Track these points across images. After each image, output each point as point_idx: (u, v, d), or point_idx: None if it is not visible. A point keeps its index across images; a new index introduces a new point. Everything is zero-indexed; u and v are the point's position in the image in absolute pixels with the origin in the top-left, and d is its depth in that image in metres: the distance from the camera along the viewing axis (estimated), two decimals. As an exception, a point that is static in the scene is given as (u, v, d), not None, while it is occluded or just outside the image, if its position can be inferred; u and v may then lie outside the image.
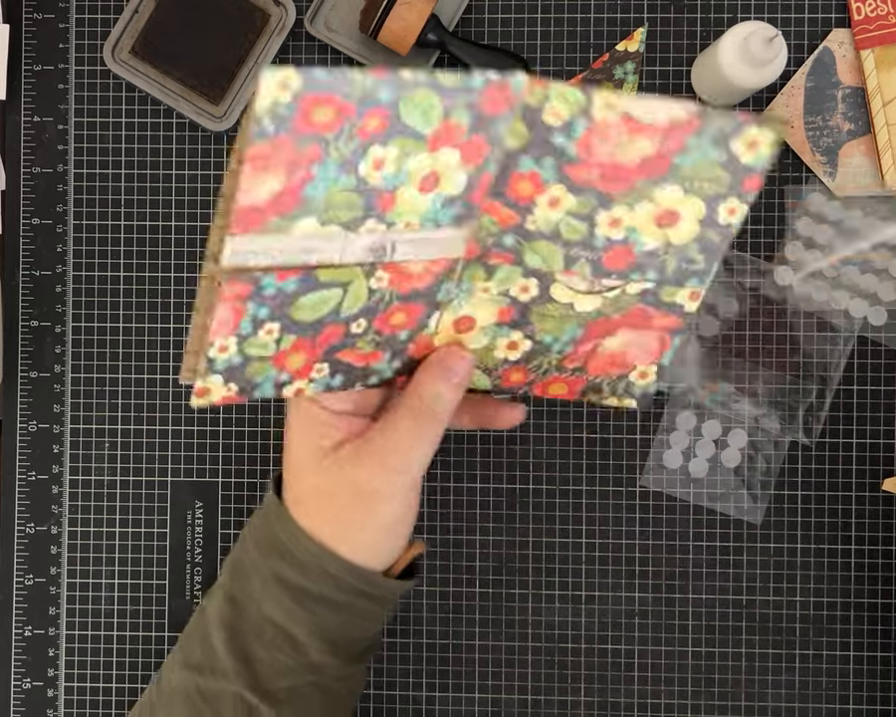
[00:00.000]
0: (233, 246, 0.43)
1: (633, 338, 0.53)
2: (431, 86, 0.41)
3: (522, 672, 0.65)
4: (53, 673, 0.65)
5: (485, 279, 0.50)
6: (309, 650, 0.52)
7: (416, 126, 0.42)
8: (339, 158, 0.42)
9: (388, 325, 0.49)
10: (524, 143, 0.45)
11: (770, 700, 0.64)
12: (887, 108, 0.63)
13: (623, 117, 0.45)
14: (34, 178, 0.66)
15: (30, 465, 0.66)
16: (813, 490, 0.64)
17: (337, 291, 0.46)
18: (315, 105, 0.40)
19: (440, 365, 0.50)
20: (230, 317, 0.45)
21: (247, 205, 0.41)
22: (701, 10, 0.65)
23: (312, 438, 0.51)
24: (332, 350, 0.49)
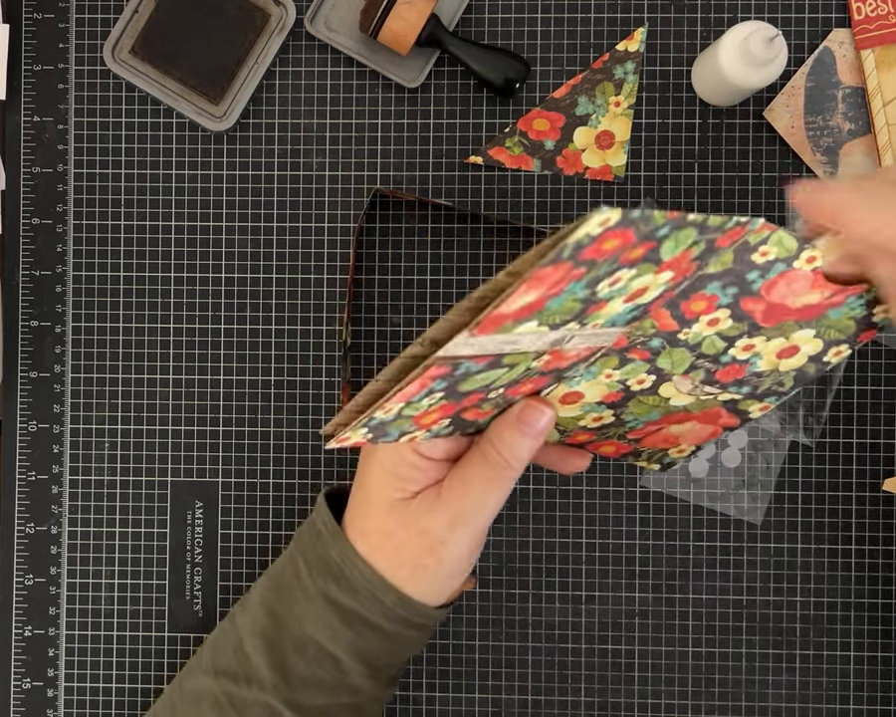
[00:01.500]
0: (460, 340, 0.41)
1: (696, 428, 0.54)
2: (697, 224, 0.40)
3: (522, 672, 0.65)
4: (53, 673, 0.65)
5: (615, 367, 0.49)
6: (349, 672, 0.52)
7: (663, 256, 0.41)
8: (593, 278, 0.40)
9: (516, 392, 0.49)
10: (722, 270, 0.45)
11: (770, 700, 0.64)
12: (887, 107, 0.63)
13: (816, 272, 0.46)
14: (34, 178, 0.66)
15: (30, 465, 0.66)
16: (814, 490, 0.64)
17: (506, 369, 0.46)
18: (612, 237, 0.38)
19: (519, 418, 0.50)
20: (416, 389, 0.44)
21: (499, 314, 0.40)
22: (701, 10, 0.65)
23: (394, 481, 0.51)
24: (462, 410, 0.49)
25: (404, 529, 0.51)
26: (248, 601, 0.56)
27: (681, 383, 0.51)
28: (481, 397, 0.48)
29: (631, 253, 0.40)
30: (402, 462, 0.51)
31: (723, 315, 0.47)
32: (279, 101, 0.66)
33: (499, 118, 0.65)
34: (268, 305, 0.66)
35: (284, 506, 0.65)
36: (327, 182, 0.65)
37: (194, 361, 0.66)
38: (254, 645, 0.53)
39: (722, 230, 0.42)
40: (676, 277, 0.44)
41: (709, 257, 0.44)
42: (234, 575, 0.65)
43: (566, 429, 0.54)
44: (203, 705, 0.54)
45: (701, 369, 0.50)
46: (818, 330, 0.49)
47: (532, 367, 0.47)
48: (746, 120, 0.65)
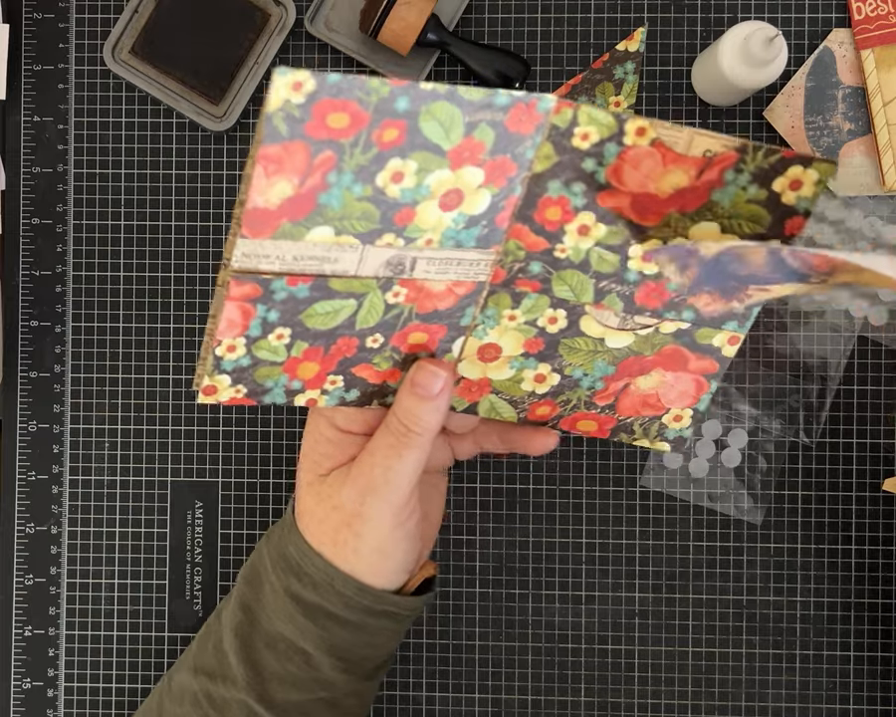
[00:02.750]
0: (244, 249, 0.42)
1: (668, 379, 0.52)
2: (452, 99, 0.40)
3: (522, 672, 0.65)
4: (53, 673, 0.65)
5: (511, 306, 0.48)
6: (321, 666, 0.52)
7: (436, 141, 0.41)
8: (355, 166, 0.40)
9: (406, 343, 0.48)
10: (551, 166, 0.44)
11: (770, 700, 0.64)
12: (887, 107, 0.63)
13: (656, 144, 0.43)
14: (34, 178, 0.66)
15: (30, 465, 0.66)
16: (814, 490, 0.64)
17: (352, 302, 0.45)
18: (330, 109, 0.38)
19: (412, 382, 0.49)
20: (238, 317, 0.44)
21: (258, 208, 0.40)
22: (701, 10, 0.65)
23: (314, 457, 0.51)
24: (346, 362, 0.48)
25: (321, 505, 0.50)
26: (229, 598, 0.56)
27: (602, 316, 0.49)
28: (356, 344, 0.47)
29: (383, 134, 0.40)
30: (321, 438, 0.51)
31: (588, 219, 0.45)
32: (279, 101, 0.65)
33: (499, 117, 0.65)
34: (268, 305, 0.65)
35: (284, 506, 0.65)
36: (327, 182, 0.65)
37: (194, 362, 0.66)
38: (229, 642, 0.53)
39: (493, 107, 0.40)
40: (494, 178, 0.43)
41: (514, 148, 0.42)
42: (234, 575, 0.65)
43: (516, 399, 0.53)
44: (185, 703, 0.54)
45: (613, 294, 0.48)
46: (722, 223, 0.46)
47: (392, 304, 0.46)
48: (746, 121, 0.65)
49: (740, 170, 0.44)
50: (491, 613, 0.65)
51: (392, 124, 0.40)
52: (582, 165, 0.44)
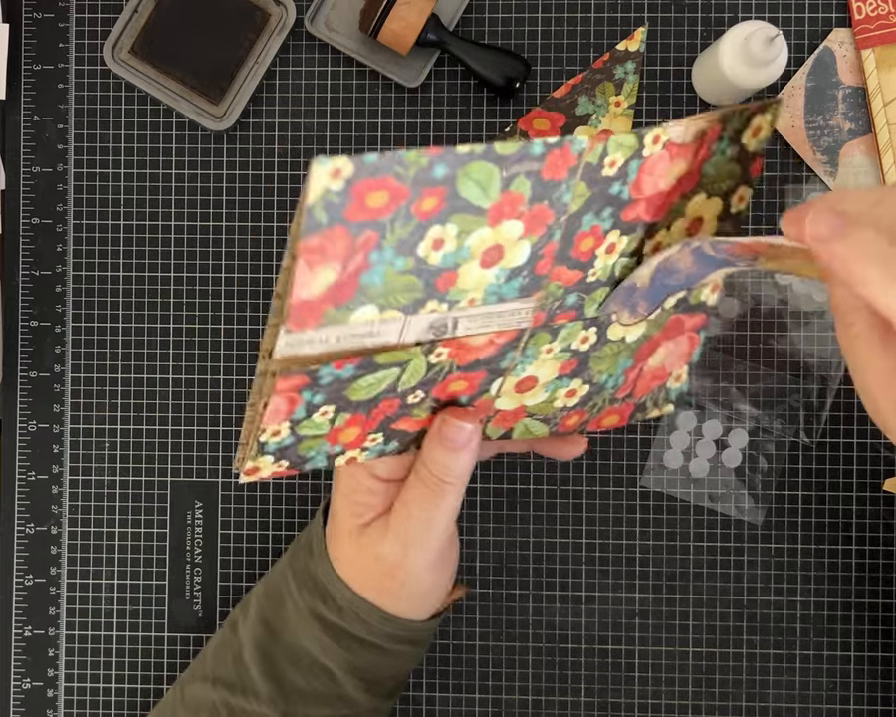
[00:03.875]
0: (287, 339, 0.41)
1: (670, 347, 0.53)
2: (487, 157, 0.39)
3: (522, 672, 0.65)
4: (53, 673, 0.65)
5: (549, 341, 0.48)
6: (343, 684, 0.52)
7: (475, 201, 0.40)
8: (396, 241, 0.40)
9: (446, 392, 0.48)
10: (585, 202, 0.43)
11: (770, 700, 0.64)
12: (888, 107, 0.63)
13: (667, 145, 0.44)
14: (34, 178, 0.66)
15: (30, 465, 0.66)
16: (814, 490, 0.64)
17: (395, 371, 0.45)
18: (368, 190, 0.37)
19: (438, 436, 0.49)
20: (284, 406, 0.44)
21: (301, 300, 0.39)
22: (701, 10, 0.65)
23: (353, 508, 0.51)
24: (387, 421, 0.48)
25: (362, 557, 0.51)
26: (248, 609, 0.56)
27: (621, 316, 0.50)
28: (398, 404, 0.47)
29: (422, 205, 0.39)
30: (360, 488, 0.51)
31: (614, 237, 0.46)
32: (279, 101, 0.66)
33: (499, 117, 0.65)
34: (268, 305, 0.65)
35: (284, 506, 0.65)
36: (327, 182, 0.65)
37: (194, 361, 0.66)
38: (251, 655, 0.53)
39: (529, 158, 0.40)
40: (532, 227, 0.42)
41: (551, 194, 0.42)
42: (234, 575, 0.65)
43: (549, 418, 0.53)
44: (202, 713, 0.54)
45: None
46: (707, 189, 0.47)
47: (435, 364, 0.46)
48: (746, 120, 0.65)
49: (721, 138, 0.45)
50: (491, 613, 0.65)
51: (431, 193, 0.39)
52: (610, 191, 0.44)
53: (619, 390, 0.53)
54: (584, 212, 0.44)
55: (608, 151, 0.42)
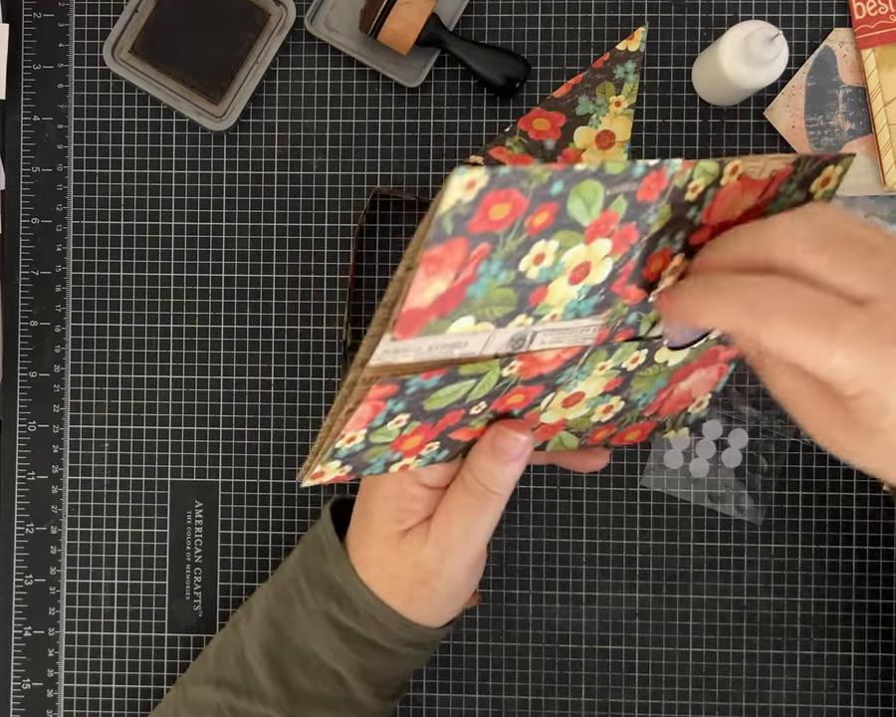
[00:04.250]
0: (387, 348, 0.41)
1: (702, 375, 0.54)
2: (598, 175, 0.39)
3: (522, 672, 0.65)
4: (53, 674, 0.65)
5: (605, 359, 0.49)
6: (352, 688, 0.52)
7: (577, 218, 0.40)
8: (504, 254, 0.40)
9: (504, 405, 0.49)
10: (664, 225, 0.44)
11: (770, 700, 0.64)
12: (888, 107, 0.63)
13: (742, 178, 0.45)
14: (34, 178, 0.66)
15: (30, 465, 0.66)
16: (814, 490, 0.64)
17: (472, 382, 0.45)
18: (494, 202, 0.37)
19: (491, 447, 0.49)
20: (368, 414, 0.44)
21: (412, 309, 0.39)
22: (701, 10, 0.65)
23: (395, 513, 0.51)
24: (447, 430, 0.48)
25: (398, 563, 0.51)
26: (252, 610, 0.56)
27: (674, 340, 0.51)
28: (461, 414, 0.47)
29: (535, 219, 0.39)
30: (404, 494, 0.51)
31: (678, 260, 0.46)
32: (279, 101, 0.66)
33: (499, 117, 0.65)
34: (268, 305, 0.65)
35: (284, 506, 0.65)
36: (327, 182, 0.65)
37: (194, 361, 0.66)
38: (256, 657, 0.53)
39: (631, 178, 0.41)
40: (618, 246, 0.43)
41: (640, 215, 0.43)
42: (234, 575, 0.65)
43: (582, 432, 0.54)
44: (205, 715, 0.54)
45: None
46: None
47: (505, 377, 0.46)
48: (746, 120, 0.65)
49: (791, 181, 0.46)
50: (491, 614, 0.65)
51: (545, 209, 0.39)
52: (687, 215, 0.45)
53: (648, 409, 0.54)
54: (662, 234, 0.44)
55: (694, 176, 0.43)
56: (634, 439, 0.56)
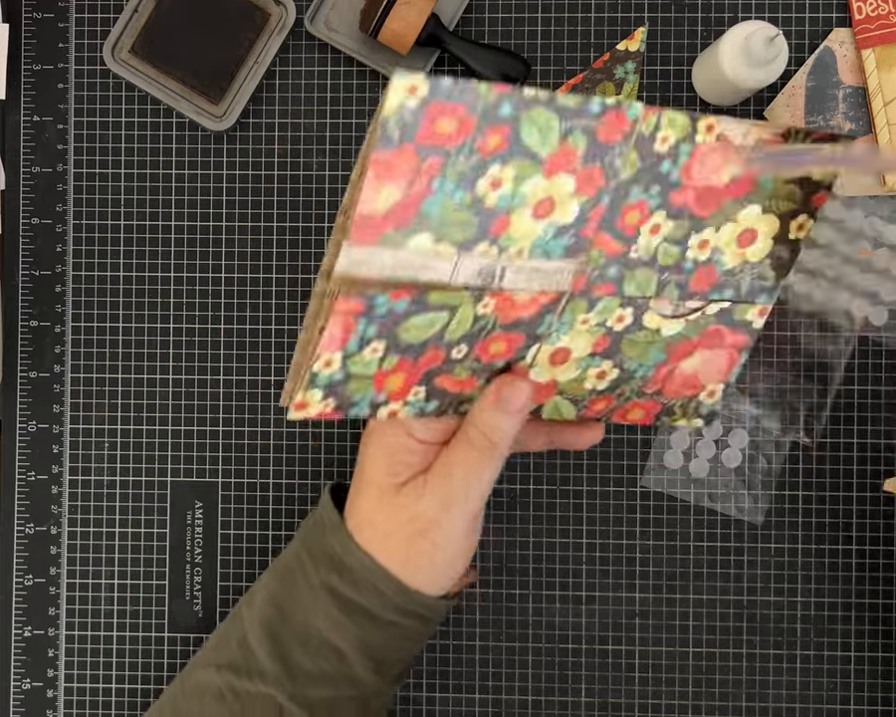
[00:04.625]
0: (349, 256, 0.42)
1: (707, 357, 0.54)
2: (550, 104, 0.41)
3: (522, 672, 0.65)
4: (53, 674, 0.65)
5: (586, 311, 0.49)
6: (352, 664, 0.52)
7: (534, 147, 0.42)
8: (458, 174, 0.41)
9: (488, 352, 0.49)
10: (634, 172, 0.45)
11: (770, 700, 0.64)
12: (888, 107, 0.63)
13: (721, 138, 0.45)
14: (34, 178, 0.66)
15: (30, 465, 0.66)
16: (814, 490, 0.64)
17: (445, 314, 0.46)
18: (440, 114, 0.39)
19: (496, 396, 0.50)
20: (339, 332, 0.45)
21: (366, 213, 0.41)
22: (701, 10, 0.65)
23: (390, 467, 0.51)
24: (430, 373, 0.49)
25: (394, 517, 0.51)
26: (254, 596, 0.56)
27: (661, 307, 0.51)
28: (442, 356, 0.48)
29: (487, 141, 0.41)
30: (398, 447, 0.51)
31: (660, 218, 0.47)
32: (279, 101, 0.66)
33: (499, 117, 0.65)
34: (268, 305, 0.65)
35: (284, 506, 0.65)
36: (327, 182, 0.65)
37: (194, 361, 0.66)
38: (258, 637, 0.53)
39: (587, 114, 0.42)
40: (583, 187, 0.44)
41: (604, 156, 0.43)
42: (234, 575, 0.65)
43: (578, 398, 0.54)
44: (206, 698, 0.54)
45: (671, 284, 0.50)
46: (763, 204, 0.48)
47: (480, 315, 0.47)
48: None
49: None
50: (491, 614, 0.65)
51: (496, 131, 0.41)
52: (660, 168, 0.45)
53: (648, 384, 0.54)
54: (633, 183, 0.45)
55: (661, 126, 0.44)
56: (639, 419, 0.56)
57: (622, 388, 0.54)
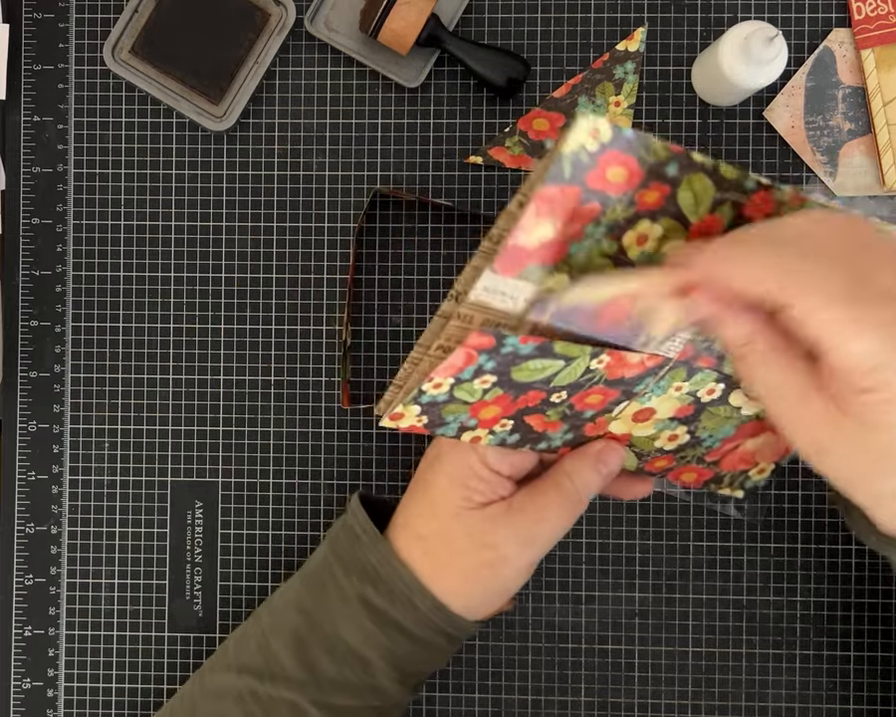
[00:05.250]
0: (487, 282, 0.42)
1: (770, 440, 0.54)
2: (712, 175, 0.41)
3: (522, 672, 0.65)
4: (53, 673, 0.65)
5: (683, 379, 0.49)
6: (377, 674, 0.53)
7: (685, 211, 0.42)
8: (612, 222, 0.41)
9: (583, 402, 0.49)
10: None
11: (770, 700, 0.64)
12: (887, 107, 0.63)
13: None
14: (34, 178, 0.66)
15: (30, 465, 0.66)
16: (814, 490, 0.64)
17: (561, 363, 0.46)
18: (614, 161, 0.39)
19: (597, 458, 0.52)
20: (461, 362, 0.45)
21: (518, 245, 0.40)
22: (701, 10, 0.65)
23: (461, 491, 0.52)
24: (524, 411, 0.49)
25: (468, 538, 0.51)
26: (275, 602, 0.56)
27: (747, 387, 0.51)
28: (542, 398, 0.48)
29: (646, 194, 0.40)
30: (470, 473, 0.52)
31: None
32: (279, 101, 0.66)
33: (499, 117, 0.65)
34: (268, 305, 0.65)
35: (284, 506, 0.65)
36: (327, 182, 0.65)
37: (194, 361, 0.66)
38: (282, 643, 0.53)
39: (741, 188, 0.41)
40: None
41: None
42: (234, 575, 0.65)
43: (644, 452, 0.54)
44: (227, 701, 0.54)
45: None
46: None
47: (592, 369, 0.47)
48: (746, 121, 0.65)
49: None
50: (491, 613, 0.65)
51: (657, 188, 0.41)
52: None
53: (711, 454, 0.54)
54: None
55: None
56: (690, 482, 0.56)
57: (686, 452, 0.54)
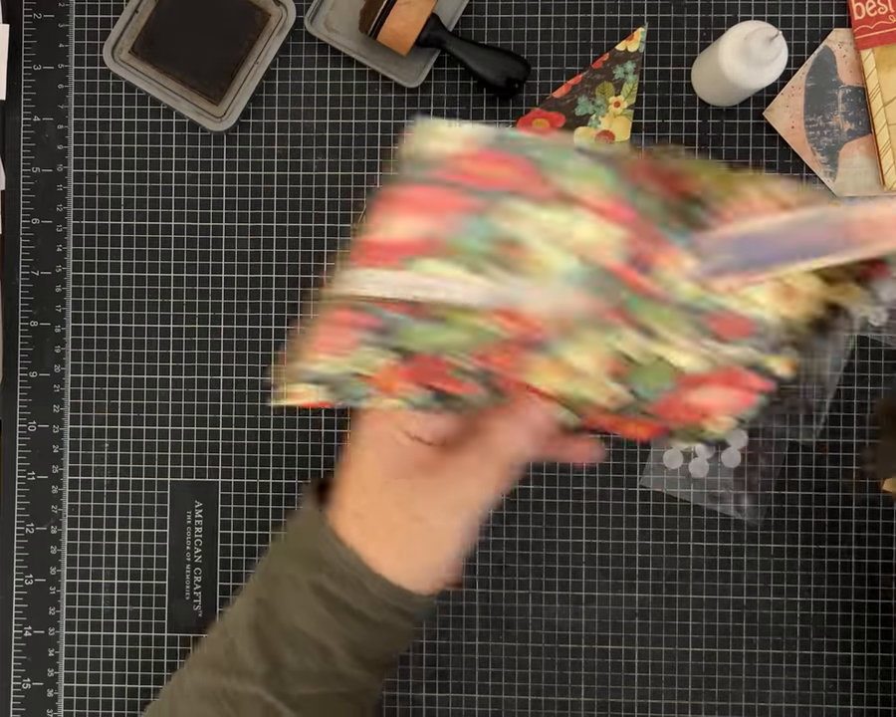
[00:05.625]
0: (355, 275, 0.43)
1: (719, 393, 0.54)
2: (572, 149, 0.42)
3: (522, 672, 0.65)
4: (53, 673, 0.65)
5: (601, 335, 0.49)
6: (338, 662, 0.52)
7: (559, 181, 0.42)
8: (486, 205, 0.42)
9: (490, 362, 0.49)
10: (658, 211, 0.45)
11: (770, 700, 0.64)
12: (887, 107, 0.63)
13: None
14: (34, 178, 0.66)
15: (30, 465, 0.66)
16: (814, 490, 0.64)
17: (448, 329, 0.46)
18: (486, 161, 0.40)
19: (520, 416, 0.50)
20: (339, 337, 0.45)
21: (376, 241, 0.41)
22: (701, 10, 0.65)
23: (387, 461, 0.51)
24: (428, 376, 0.49)
25: (399, 509, 0.51)
26: (241, 593, 0.56)
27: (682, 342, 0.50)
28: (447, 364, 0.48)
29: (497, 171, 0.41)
30: (392, 442, 0.51)
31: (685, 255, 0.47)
32: (279, 101, 0.66)
33: (499, 118, 0.65)
34: (268, 305, 0.65)
35: (284, 506, 0.65)
36: (326, 182, 0.65)
37: (194, 361, 0.66)
38: (244, 637, 0.53)
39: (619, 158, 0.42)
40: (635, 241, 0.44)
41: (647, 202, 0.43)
42: (234, 575, 0.65)
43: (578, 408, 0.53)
44: (201, 699, 0.54)
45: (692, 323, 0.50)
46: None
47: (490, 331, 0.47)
48: (746, 121, 0.65)
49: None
50: (491, 614, 0.65)
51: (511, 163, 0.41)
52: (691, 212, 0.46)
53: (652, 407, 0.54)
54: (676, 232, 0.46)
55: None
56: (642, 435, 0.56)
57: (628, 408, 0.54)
